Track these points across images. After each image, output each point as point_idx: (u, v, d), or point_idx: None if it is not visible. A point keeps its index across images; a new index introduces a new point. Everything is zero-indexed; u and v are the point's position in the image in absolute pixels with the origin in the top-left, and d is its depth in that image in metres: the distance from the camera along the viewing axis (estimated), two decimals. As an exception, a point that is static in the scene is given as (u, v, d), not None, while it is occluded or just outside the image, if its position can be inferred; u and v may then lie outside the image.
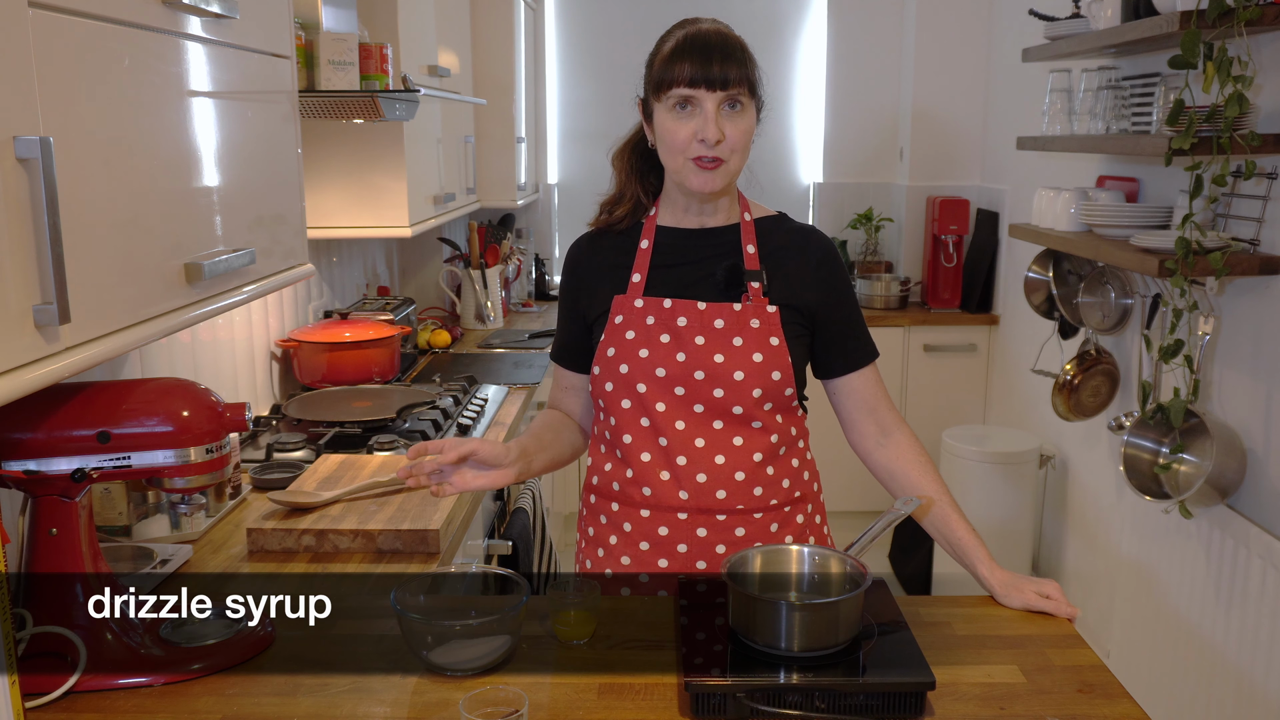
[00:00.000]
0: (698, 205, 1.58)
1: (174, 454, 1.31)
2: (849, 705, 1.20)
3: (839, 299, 1.61)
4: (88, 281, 1.08)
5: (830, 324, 1.60)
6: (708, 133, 1.46)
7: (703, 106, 1.46)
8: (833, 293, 1.60)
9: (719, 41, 1.47)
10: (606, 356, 1.56)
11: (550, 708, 1.22)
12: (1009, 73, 3.98)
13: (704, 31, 1.49)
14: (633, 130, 1.64)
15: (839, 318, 1.61)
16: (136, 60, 1.19)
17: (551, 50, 4.63)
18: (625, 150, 1.64)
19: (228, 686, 1.28)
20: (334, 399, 2.58)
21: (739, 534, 1.57)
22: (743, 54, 1.48)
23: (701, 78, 1.45)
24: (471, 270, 3.86)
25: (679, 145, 1.48)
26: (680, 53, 1.47)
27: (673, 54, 1.48)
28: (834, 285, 1.61)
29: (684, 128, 1.47)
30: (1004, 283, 4.07)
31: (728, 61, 1.45)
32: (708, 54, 1.45)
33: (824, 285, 1.59)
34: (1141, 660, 2.75)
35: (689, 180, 1.51)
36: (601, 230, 1.65)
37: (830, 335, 1.61)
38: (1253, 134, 2.13)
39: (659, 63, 1.49)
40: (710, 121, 1.46)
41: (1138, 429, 2.58)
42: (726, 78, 1.45)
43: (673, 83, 1.46)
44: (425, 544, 1.73)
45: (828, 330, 1.61)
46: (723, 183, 1.51)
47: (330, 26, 2.28)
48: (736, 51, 1.47)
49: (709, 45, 1.46)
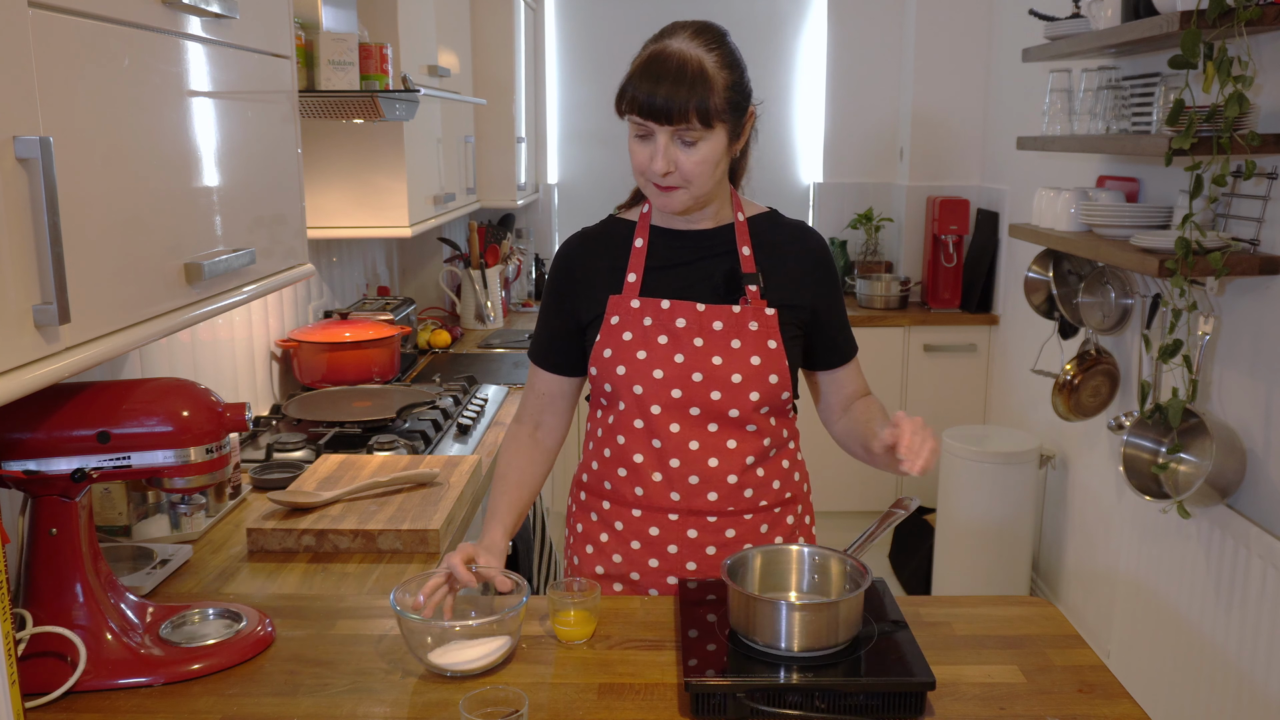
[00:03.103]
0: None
1: (174, 454, 1.31)
2: (849, 705, 1.20)
3: (832, 297, 1.62)
4: (88, 281, 1.08)
5: (824, 321, 1.61)
6: (655, 165, 1.44)
7: (654, 137, 1.44)
8: (827, 291, 1.61)
9: (675, 68, 1.40)
10: (603, 357, 1.55)
11: (550, 708, 1.22)
12: (1009, 73, 3.98)
13: (665, 55, 1.41)
14: None
15: (832, 316, 1.62)
16: (136, 60, 1.19)
17: (551, 50, 4.63)
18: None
19: (228, 686, 1.28)
20: (334, 399, 2.58)
21: (729, 535, 1.57)
22: (699, 82, 1.40)
23: (648, 110, 1.41)
24: (471, 270, 3.86)
25: (639, 167, 1.48)
26: (636, 78, 1.42)
27: (631, 77, 1.43)
28: (828, 283, 1.61)
29: (642, 151, 1.46)
30: (1004, 283, 4.06)
31: (675, 95, 1.39)
32: (657, 84, 1.40)
33: (819, 283, 1.60)
34: (1141, 660, 2.75)
35: (652, 199, 1.52)
36: (594, 229, 1.65)
37: (822, 332, 1.62)
38: (1253, 134, 2.13)
39: (624, 79, 1.45)
40: (659, 154, 1.44)
41: (1137, 429, 2.58)
42: (671, 111, 1.40)
43: (627, 109, 1.44)
44: (425, 544, 1.73)
45: (821, 327, 1.61)
46: (683, 204, 1.50)
47: (330, 26, 2.28)
48: (693, 80, 1.39)
49: (663, 73, 1.40)
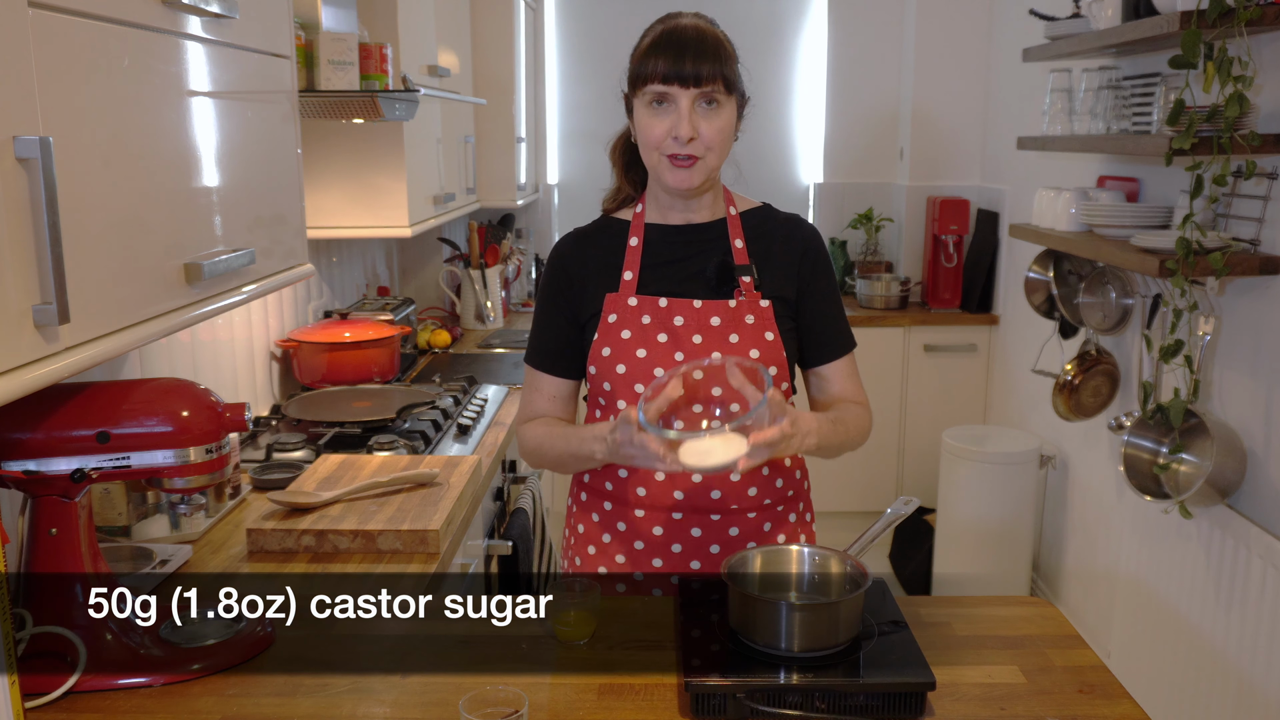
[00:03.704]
0: (682, 202, 1.57)
1: (174, 454, 1.31)
2: (849, 705, 1.20)
3: (824, 290, 1.60)
4: (87, 281, 1.08)
5: (815, 314, 1.59)
6: (680, 130, 1.45)
7: (677, 103, 1.45)
8: (812, 279, 1.59)
9: (695, 37, 1.45)
10: (602, 356, 1.55)
11: (550, 708, 1.22)
12: (1009, 73, 3.98)
13: (682, 27, 1.47)
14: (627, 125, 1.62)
15: (823, 308, 1.60)
16: (136, 60, 1.19)
17: (551, 50, 4.62)
18: (618, 144, 1.64)
19: (228, 686, 1.28)
20: (334, 399, 2.58)
21: (733, 533, 1.57)
22: (720, 50, 1.46)
23: (675, 74, 1.43)
24: (471, 270, 3.86)
25: (654, 141, 1.48)
26: (656, 48, 1.45)
27: (649, 49, 1.46)
28: (816, 272, 1.59)
29: (659, 124, 1.46)
30: (1004, 283, 4.06)
31: (702, 58, 1.44)
32: (682, 50, 1.44)
33: (810, 275, 1.58)
34: (1141, 660, 2.75)
35: (665, 177, 1.50)
36: (587, 229, 1.64)
37: (814, 326, 1.60)
38: (1253, 134, 2.12)
39: (636, 57, 1.49)
40: (684, 119, 1.44)
41: (1138, 429, 2.58)
42: (700, 74, 1.43)
43: (647, 78, 1.45)
44: (425, 544, 1.73)
45: (812, 321, 1.59)
46: (700, 179, 1.50)
47: (330, 26, 2.28)
48: (713, 47, 1.45)
49: (684, 41, 1.44)
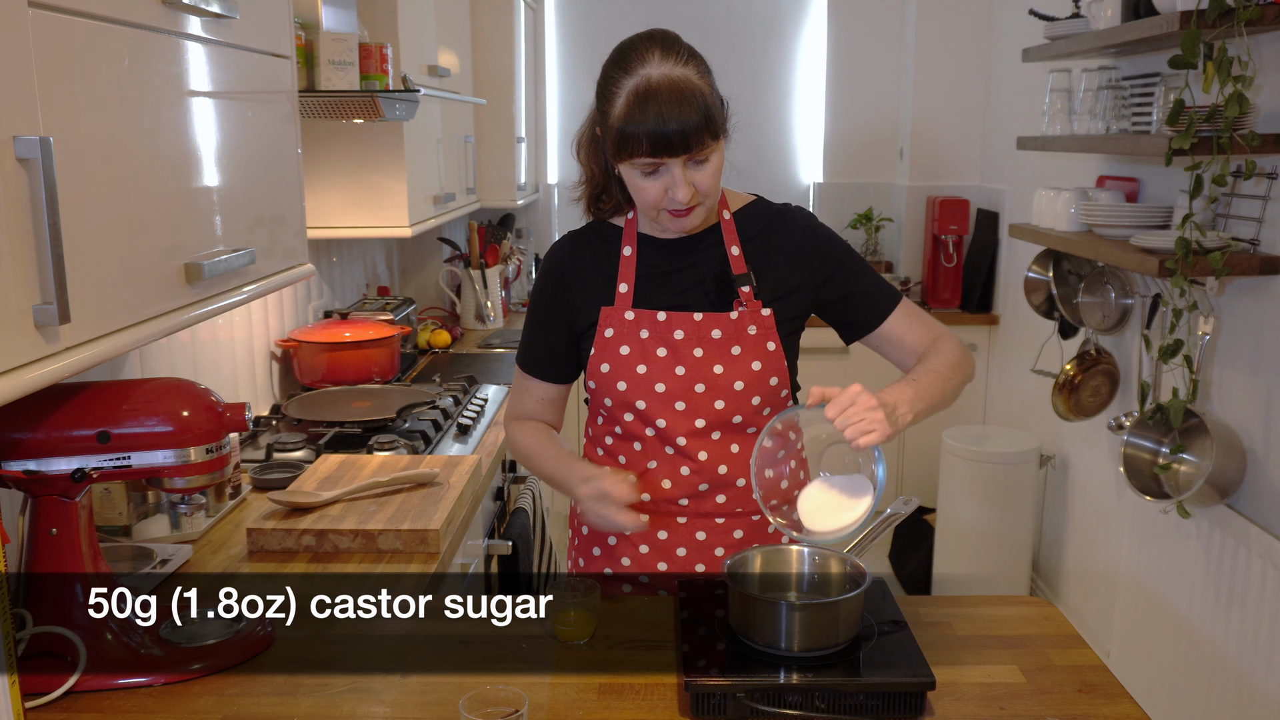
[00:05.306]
0: None
1: (174, 454, 1.31)
2: (849, 705, 1.20)
3: (842, 262, 1.56)
4: (87, 281, 1.08)
5: (835, 292, 1.55)
6: (678, 195, 1.41)
7: (670, 169, 1.40)
8: (825, 263, 1.55)
9: (673, 99, 1.36)
10: (601, 372, 1.53)
11: (550, 708, 1.22)
12: (1009, 73, 3.98)
13: (655, 86, 1.37)
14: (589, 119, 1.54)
15: (853, 276, 1.55)
16: (136, 60, 1.19)
17: (551, 50, 4.62)
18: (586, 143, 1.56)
19: (228, 686, 1.28)
20: (334, 399, 2.58)
21: (737, 536, 1.57)
22: (700, 101, 1.38)
23: (664, 147, 1.37)
24: (471, 270, 3.86)
25: (651, 202, 1.44)
26: (635, 119, 1.37)
27: (627, 118, 1.38)
28: (823, 255, 1.55)
29: (653, 186, 1.42)
30: (1004, 283, 4.06)
31: (686, 121, 1.36)
32: (664, 118, 1.36)
33: (813, 260, 1.55)
34: (1141, 660, 2.75)
35: (666, 224, 1.48)
36: (581, 232, 1.61)
37: (840, 301, 1.56)
38: (1253, 134, 2.12)
39: (615, 124, 1.40)
40: (679, 184, 1.40)
41: (1137, 429, 2.58)
42: (688, 140, 1.37)
43: (632, 152, 1.39)
44: (425, 544, 1.73)
45: (835, 298, 1.56)
46: (701, 218, 1.48)
47: (330, 26, 2.28)
48: (692, 103, 1.37)
49: (663, 106, 1.36)
